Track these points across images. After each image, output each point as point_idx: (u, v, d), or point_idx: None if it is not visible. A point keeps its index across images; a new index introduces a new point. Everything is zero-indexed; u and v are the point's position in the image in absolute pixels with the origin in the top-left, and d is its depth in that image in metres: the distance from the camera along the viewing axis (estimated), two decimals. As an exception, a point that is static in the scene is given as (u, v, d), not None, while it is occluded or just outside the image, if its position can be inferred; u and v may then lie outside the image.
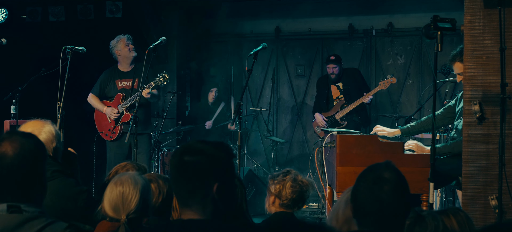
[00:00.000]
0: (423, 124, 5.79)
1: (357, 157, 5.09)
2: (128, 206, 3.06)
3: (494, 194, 4.52)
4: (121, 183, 3.11)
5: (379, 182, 2.66)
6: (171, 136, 9.66)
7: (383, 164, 2.76)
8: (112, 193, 3.10)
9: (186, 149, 2.50)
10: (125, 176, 3.16)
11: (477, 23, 4.74)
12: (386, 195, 2.64)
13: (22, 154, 2.56)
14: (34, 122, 3.77)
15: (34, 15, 9.73)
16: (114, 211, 3.08)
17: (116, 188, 3.10)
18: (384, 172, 2.69)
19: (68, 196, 3.67)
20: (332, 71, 8.67)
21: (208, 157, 2.48)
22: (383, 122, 10.26)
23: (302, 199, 3.85)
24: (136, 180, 3.13)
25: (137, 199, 3.07)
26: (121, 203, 3.07)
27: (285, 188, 3.81)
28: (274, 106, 11.00)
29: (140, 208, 3.08)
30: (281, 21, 10.99)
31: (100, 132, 7.58)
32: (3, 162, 2.53)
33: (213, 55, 11.36)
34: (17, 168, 2.54)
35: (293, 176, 3.87)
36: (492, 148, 4.65)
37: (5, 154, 2.54)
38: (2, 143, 2.57)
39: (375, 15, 10.42)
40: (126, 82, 7.46)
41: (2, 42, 6.83)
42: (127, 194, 3.07)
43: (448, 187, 6.87)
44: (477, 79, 4.74)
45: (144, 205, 3.11)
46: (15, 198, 2.55)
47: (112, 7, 9.48)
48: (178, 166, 2.49)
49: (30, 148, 2.59)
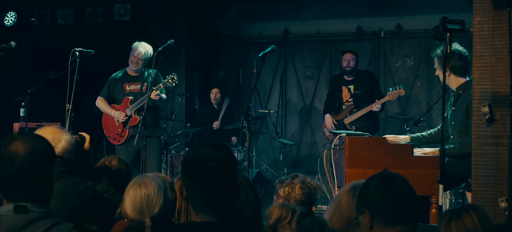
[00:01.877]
0: (433, 137, 5.72)
1: (366, 159, 5.08)
2: (153, 209, 3.05)
3: (504, 196, 4.49)
4: (146, 185, 3.10)
5: (391, 180, 2.72)
6: (180, 138, 9.67)
7: (385, 172, 2.81)
8: (136, 194, 3.09)
9: (205, 155, 2.52)
10: (148, 178, 3.14)
11: (486, 25, 4.72)
12: (399, 194, 2.69)
13: (33, 154, 2.55)
14: (52, 129, 3.77)
15: (43, 18, 9.77)
16: (138, 213, 3.07)
17: (141, 190, 3.08)
18: (390, 175, 2.75)
19: (75, 195, 3.68)
20: (348, 63, 8.35)
21: (223, 161, 2.53)
22: (392, 124, 10.24)
23: (310, 201, 3.83)
24: (159, 183, 3.12)
25: (161, 202, 3.07)
26: (146, 206, 3.06)
27: (295, 190, 3.79)
28: (283, 108, 11.00)
29: (163, 211, 3.08)
30: (290, 23, 10.99)
31: (107, 136, 7.58)
32: (15, 161, 2.53)
33: (221, 58, 11.37)
34: (28, 168, 2.54)
35: (302, 179, 3.85)
36: (502, 150, 4.62)
37: (17, 153, 2.54)
38: (14, 142, 2.56)
39: (384, 17, 10.40)
40: (134, 86, 7.47)
41: (11, 45, 6.86)
42: (152, 197, 3.07)
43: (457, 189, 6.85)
44: (487, 80, 4.72)
45: (166, 208, 3.11)
46: (24, 197, 2.55)
47: (120, 10, 9.50)
48: (199, 171, 2.51)
49: (41, 148, 2.59)
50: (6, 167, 2.53)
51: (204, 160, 2.51)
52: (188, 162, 2.55)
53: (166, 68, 8.96)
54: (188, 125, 9.66)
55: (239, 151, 8.93)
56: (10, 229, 2.49)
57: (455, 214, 3.21)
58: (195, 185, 2.52)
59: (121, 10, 9.50)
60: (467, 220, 3.16)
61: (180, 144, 9.59)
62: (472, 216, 3.16)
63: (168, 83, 7.09)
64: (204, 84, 11.29)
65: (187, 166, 2.55)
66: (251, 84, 11.09)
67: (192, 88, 10.92)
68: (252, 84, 10.80)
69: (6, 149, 2.55)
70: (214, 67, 11.40)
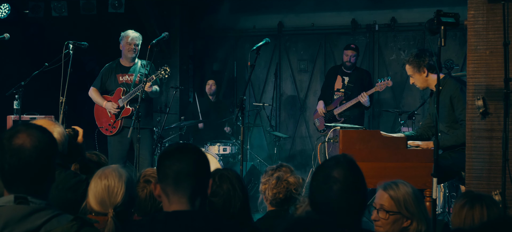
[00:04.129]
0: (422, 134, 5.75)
1: (360, 152, 5.09)
2: (115, 199, 3.02)
3: (498, 190, 4.50)
4: (106, 176, 3.07)
5: (328, 181, 2.62)
6: (174, 131, 9.66)
7: (334, 160, 2.71)
8: (97, 187, 3.06)
9: (193, 152, 2.67)
10: (109, 169, 3.12)
11: (480, 18, 4.72)
12: (335, 195, 2.60)
13: (39, 148, 2.56)
14: (44, 121, 3.77)
15: (36, 10, 9.73)
16: (101, 205, 3.04)
17: (101, 182, 3.05)
18: (333, 170, 2.64)
19: (69, 187, 3.69)
20: (349, 59, 8.57)
21: (205, 157, 2.70)
22: (386, 117, 10.26)
23: (289, 199, 3.72)
24: (121, 172, 3.09)
25: (123, 192, 3.04)
26: (107, 197, 3.03)
27: (268, 189, 3.74)
28: (277, 101, 10.99)
29: (127, 201, 3.05)
30: (284, 16, 10.97)
31: (99, 127, 7.57)
32: (21, 155, 2.54)
33: (215, 51, 11.35)
34: (34, 162, 2.55)
35: (280, 175, 3.76)
36: (496, 143, 4.64)
37: (23, 147, 2.54)
38: (19, 135, 2.56)
39: (378, 10, 10.39)
40: (127, 77, 7.46)
41: (4, 37, 6.83)
42: (112, 187, 3.03)
43: (451, 182, 6.87)
44: (481, 74, 4.72)
45: (130, 197, 3.08)
46: (26, 189, 2.56)
47: (115, 2, 9.46)
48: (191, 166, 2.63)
49: (46, 142, 2.61)
50: (12, 160, 2.54)
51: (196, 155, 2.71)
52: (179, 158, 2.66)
53: (160, 61, 8.93)
54: (183, 118, 9.65)
55: (234, 144, 8.93)
56: (10, 219, 2.51)
57: (471, 201, 3.26)
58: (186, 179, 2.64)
59: (115, 3, 9.46)
60: (476, 214, 3.21)
61: (174, 137, 9.58)
62: (484, 212, 3.20)
63: (161, 75, 7.08)
64: (199, 77, 11.27)
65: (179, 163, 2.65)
66: (245, 77, 11.08)
67: (186, 81, 10.91)
68: (247, 77, 10.79)
69: (11, 141, 2.56)
70: (208, 60, 11.38)
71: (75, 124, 4.23)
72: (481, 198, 3.30)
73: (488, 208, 3.22)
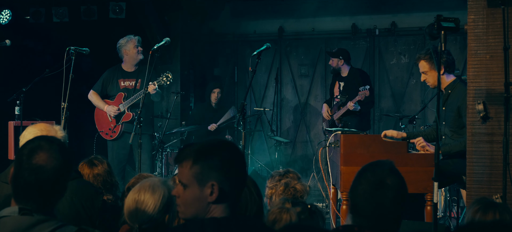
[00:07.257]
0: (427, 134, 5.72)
1: (361, 156, 5.09)
2: (143, 214, 2.93)
3: (499, 194, 4.51)
4: (138, 190, 2.98)
5: (381, 188, 2.62)
6: (175, 137, 9.66)
7: (386, 167, 2.69)
8: (128, 199, 2.99)
9: (227, 146, 2.54)
10: (146, 182, 3.01)
11: (480, 22, 4.73)
12: (389, 202, 2.61)
13: (59, 170, 2.56)
14: (45, 126, 3.76)
15: (37, 16, 9.74)
16: (129, 218, 2.98)
17: (133, 195, 2.97)
18: (387, 177, 2.64)
19: (87, 197, 3.73)
20: (332, 64, 8.66)
21: None
22: (387, 121, 10.26)
23: (294, 205, 3.74)
24: (155, 188, 2.98)
25: (152, 208, 2.93)
26: (135, 211, 2.94)
27: (276, 194, 3.75)
28: (278, 106, 11.00)
29: (156, 218, 2.94)
30: (284, 21, 10.99)
31: (100, 131, 7.57)
32: (40, 176, 2.53)
33: (216, 56, 11.36)
34: (51, 182, 2.55)
35: (287, 181, 3.78)
36: (496, 147, 4.64)
37: (43, 168, 2.53)
38: (40, 153, 2.54)
39: (379, 15, 10.41)
40: (129, 82, 7.48)
41: (6, 43, 6.84)
42: (141, 202, 2.94)
43: (452, 186, 6.87)
44: (481, 78, 4.73)
45: (161, 214, 2.96)
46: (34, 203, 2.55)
47: (115, 8, 9.48)
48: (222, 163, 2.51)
49: (66, 161, 2.60)
50: (30, 178, 2.53)
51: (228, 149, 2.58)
52: (219, 154, 2.54)
53: (161, 66, 8.95)
54: (184, 123, 9.65)
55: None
56: (14, 230, 2.51)
57: (485, 207, 3.27)
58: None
59: (116, 8, 9.49)
60: (489, 220, 3.21)
61: (175, 142, 9.58)
62: (496, 218, 3.21)
63: (162, 81, 7.10)
64: (200, 82, 11.28)
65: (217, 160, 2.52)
66: (246, 82, 11.09)
67: (187, 86, 10.92)
68: (247, 82, 10.80)
69: (31, 160, 2.54)
70: (209, 65, 11.39)
71: (76, 129, 4.26)
72: (495, 205, 3.31)
73: (501, 214, 3.22)
